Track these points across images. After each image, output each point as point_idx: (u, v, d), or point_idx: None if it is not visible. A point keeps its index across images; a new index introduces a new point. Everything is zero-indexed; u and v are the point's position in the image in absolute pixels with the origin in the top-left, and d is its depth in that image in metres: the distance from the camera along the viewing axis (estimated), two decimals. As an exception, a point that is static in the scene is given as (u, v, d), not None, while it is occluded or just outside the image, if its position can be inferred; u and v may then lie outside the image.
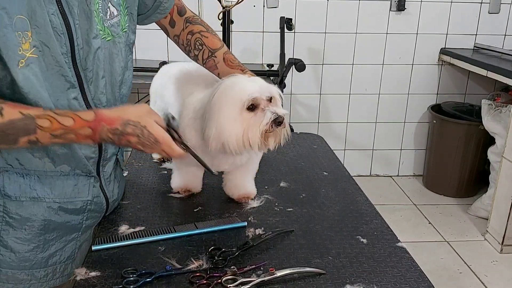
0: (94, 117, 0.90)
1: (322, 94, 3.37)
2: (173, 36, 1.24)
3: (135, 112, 0.94)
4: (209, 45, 1.20)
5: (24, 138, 0.87)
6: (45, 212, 1.02)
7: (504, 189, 2.64)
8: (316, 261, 1.00)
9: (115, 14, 1.02)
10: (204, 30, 1.22)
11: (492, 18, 3.31)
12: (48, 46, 0.89)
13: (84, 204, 1.07)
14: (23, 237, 1.01)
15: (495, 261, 2.61)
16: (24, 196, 1.00)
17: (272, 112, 1.03)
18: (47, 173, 1.01)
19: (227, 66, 1.19)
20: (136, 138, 0.93)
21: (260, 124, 1.03)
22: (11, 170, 0.99)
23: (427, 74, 3.41)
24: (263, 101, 1.04)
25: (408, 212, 3.12)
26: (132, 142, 0.93)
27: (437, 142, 3.30)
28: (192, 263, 0.97)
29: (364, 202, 1.27)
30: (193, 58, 1.24)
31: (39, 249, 1.03)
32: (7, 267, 1.01)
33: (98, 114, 0.91)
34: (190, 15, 1.23)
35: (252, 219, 1.17)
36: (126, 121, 0.92)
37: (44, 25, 0.87)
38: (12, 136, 0.86)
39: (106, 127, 0.91)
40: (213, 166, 1.16)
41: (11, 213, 1.00)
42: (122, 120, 0.91)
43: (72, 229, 1.08)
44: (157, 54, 2.97)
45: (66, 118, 0.89)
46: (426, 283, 0.95)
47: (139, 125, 0.92)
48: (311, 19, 3.18)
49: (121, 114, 0.93)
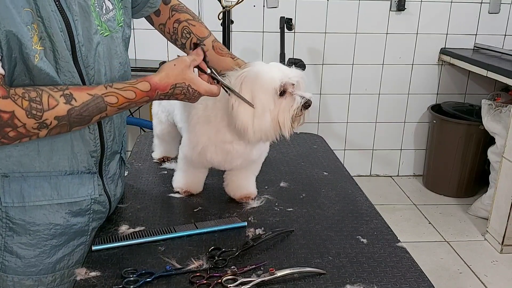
0: (150, 87, 0.97)
1: (322, 94, 3.36)
2: (158, 25, 1.22)
3: (179, 74, 1.00)
4: (197, 33, 1.19)
5: (97, 116, 0.93)
6: (50, 215, 1.00)
7: (504, 189, 2.64)
8: (316, 261, 1.00)
9: (111, 8, 1.00)
10: (191, 18, 1.21)
11: (492, 18, 3.31)
12: (53, 40, 0.88)
13: (88, 204, 1.06)
14: (28, 242, 1.00)
15: (495, 261, 2.61)
16: (26, 201, 0.98)
17: (301, 97, 1.08)
18: (51, 173, 0.99)
19: (216, 54, 1.18)
20: (183, 96, 1.02)
21: (290, 108, 1.07)
22: (11, 175, 0.97)
23: (427, 74, 3.41)
24: (290, 86, 1.08)
25: (408, 212, 3.12)
26: (179, 98, 1.03)
27: (437, 142, 3.30)
28: (192, 263, 0.97)
29: (364, 202, 1.27)
30: (180, 47, 1.22)
31: (45, 255, 1.02)
32: (13, 273, 1.00)
33: (152, 83, 0.97)
34: (175, 3, 1.22)
35: (252, 219, 1.17)
36: (174, 85, 1.00)
37: (48, 17, 0.86)
38: (88, 117, 0.91)
39: (160, 93, 0.99)
40: (225, 163, 1.19)
41: (14, 219, 0.98)
42: (171, 84, 0.99)
43: (80, 233, 1.06)
44: (157, 54, 2.96)
45: (128, 92, 0.95)
46: (426, 283, 0.95)
47: (184, 85, 1.00)
48: (311, 19, 3.17)
49: (169, 79, 0.99)
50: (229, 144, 1.15)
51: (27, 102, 0.84)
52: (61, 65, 0.91)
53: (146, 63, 2.88)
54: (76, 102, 0.89)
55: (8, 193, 0.97)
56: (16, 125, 0.84)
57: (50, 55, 0.89)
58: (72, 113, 0.88)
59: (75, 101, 0.88)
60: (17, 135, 0.86)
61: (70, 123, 0.90)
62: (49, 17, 0.86)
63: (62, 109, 0.87)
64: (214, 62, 1.16)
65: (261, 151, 1.24)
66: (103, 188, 1.09)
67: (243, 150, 1.16)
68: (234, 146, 1.15)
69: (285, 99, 1.08)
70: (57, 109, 0.87)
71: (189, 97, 1.03)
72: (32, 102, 0.84)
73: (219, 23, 2.26)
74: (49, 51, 0.88)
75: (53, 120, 0.87)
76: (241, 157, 1.18)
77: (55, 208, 1.01)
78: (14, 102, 0.83)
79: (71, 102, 0.88)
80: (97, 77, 0.98)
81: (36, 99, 0.85)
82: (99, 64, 0.98)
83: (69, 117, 0.88)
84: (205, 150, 1.16)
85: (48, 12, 0.86)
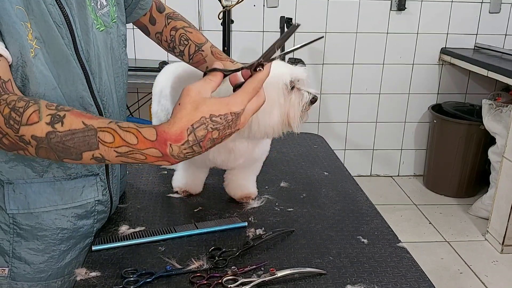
0: (156, 136, 0.75)
1: (322, 94, 3.36)
2: (154, 33, 1.22)
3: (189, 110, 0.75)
4: (195, 40, 1.19)
5: (88, 153, 0.76)
6: (56, 220, 0.99)
7: (504, 189, 2.64)
8: (316, 261, 1.00)
9: (105, 4, 1.01)
10: (187, 25, 1.21)
11: (492, 18, 3.31)
12: (49, 37, 0.86)
13: (92, 205, 1.05)
14: (36, 247, 0.98)
15: (496, 261, 2.61)
16: (32, 208, 0.96)
17: (308, 92, 1.09)
18: (56, 178, 0.98)
19: (216, 59, 1.18)
20: (216, 132, 0.75)
21: (300, 102, 1.09)
22: (16, 182, 0.95)
23: (427, 74, 3.41)
24: (296, 82, 1.09)
25: (408, 212, 3.12)
26: (214, 137, 0.76)
27: (438, 142, 3.30)
28: (192, 263, 0.97)
29: (364, 202, 1.27)
30: (178, 54, 1.22)
31: (54, 260, 1.01)
32: (22, 279, 0.99)
33: (160, 132, 0.74)
34: (170, 12, 1.22)
35: (253, 219, 1.17)
36: (192, 126, 0.74)
37: (41, 15, 0.84)
38: (74, 149, 0.76)
39: (175, 146, 0.74)
40: (228, 162, 1.19)
41: (21, 224, 0.97)
42: (186, 129, 0.74)
43: (86, 235, 1.06)
44: (157, 54, 2.95)
45: (129, 134, 0.75)
46: (427, 283, 0.95)
47: (205, 119, 0.74)
48: (311, 18, 3.17)
49: (180, 124, 0.74)
50: (232, 142, 1.15)
51: (8, 110, 0.75)
52: (60, 63, 0.88)
53: (146, 63, 2.88)
54: (62, 127, 0.75)
55: (13, 200, 0.96)
56: (2, 131, 0.76)
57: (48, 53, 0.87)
58: (51, 138, 0.75)
59: (61, 125, 0.75)
60: (9, 144, 0.78)
61: (53, 149, 0.76)
62: (42, 13, 0.84)
63: (40, 128, 0.75)
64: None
65: (263, 150, 1.24)
66: (106, 188, 1.08)
67: (245, 148, 1.16)
68: (236, 145, 1.15)
69: (294, 94, 1.08)
70: (34, 127, 0.75)
71: (224, 127, 0.76)
72: (13, 111, 0.75)
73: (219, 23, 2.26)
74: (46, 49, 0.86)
75: (31, 139, 0.75)
76: (243, 155, 1.18)
77: (60, 212, 1.00)
78: None
79: (55, 125, 0.75)
80: (98, 72, 0.97)
81: (19, 110, 0.75)
82: (99, 58, 0.97)
83: (48, 141, 0.75)
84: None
85: (42, 9, 0.84)
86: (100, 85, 0.98)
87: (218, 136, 0.76)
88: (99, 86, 0.98)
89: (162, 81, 1.38)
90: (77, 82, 0.92)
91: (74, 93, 0.92)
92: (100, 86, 0.98)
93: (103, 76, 0.99)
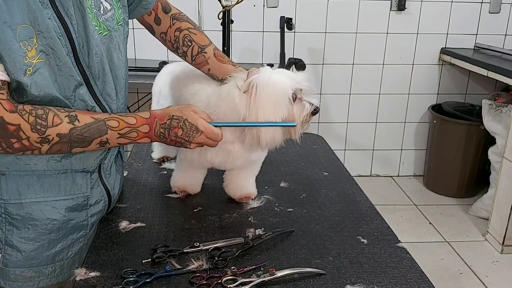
0: (149, 115, 1.03)
1: (322, 94, 3.36)
2: (159, 33, 1.23)
3: (178, 109, 1.05)
4: (198, 42, 1.21)
5: (97, 139, 0.98)
6: (46, 211, 1.03)
7: (504, 190, 2.64)
8: (316, 262, 1.00)
9: (109, 9, 1.03)
10: (192, 27, 1.22)
11: (492, 18, 3.31)
12: (54, 49, 0.91)
13: (85, 199, 1.08)
14: (27, 236, 1.02)
15: (496, 262, 2.60)
16: (23, 198, 1.01)
17: (310, 103, 1.10)
18: (46, 172, 1.02)
19: (218, 61, 1.19)
20: (181, 130, 1.02)
21: (301, 114, 1.09)
22: (8, 172, 1.00)
23: (427, 74, 3.41)
24: (299, 92, 1.10)
25: (408, 213, 3.12)
26: (179, 135, 1.03)
27: (438, 142, 3.30)
28: (192, 264, 0.97)
29: (364, 203, 1.27)
30: (181, 55, 1.24)
31: (44, 248, 1.04)
32: (14, 266, 1.03)
33: (152, 112, 1.04)
34: (175, 12, 1.23)
35: (252, 220, 1.17)
36: (171, 116, 1.03)
37: (47, 29, 0.89)
38: (88, 138, 0.97)
39: (159, 123, 1.02)
40: (226, 163, 1.20)
41: (12, 214, 1.01)
42: (168, 115, 1.03)
43: (78, 227, 1.08)
44: (157, 54, 2.96)
45: (129, 117, 1.01)
46: (427, 283, 0.95)
47: (181, 118, 1.03)
48: (311, 19, 3.17)
49: (167, 111, 1.04)
50: (230, 144, 1.15)
51: (33, 118, 0.91)
52: (63, 71, 0.94)
53: (146, 63, 2.88)
54: (79, 123, 0.95)
55: (6, 190, 1.00)
56: (21, 137, 0.90)
57: (52, 63, 0.92)
58: (73, 132, 0.95)
59: (78, 121, 0.95)
60: (21, 147, 0.92)
61: (71, 141, 0.95)
62: (47, 27, 0.89)
63: (64, 127, 0.94)
64: (216, 69, 1.18)
65: (261, 152, 1.24)
66: (99, 183, 1.11)
67: (243, 150, 1.16)
68: (235, 147, 1.15)
69: (295, 105, 1.09)
70: (60, 127, 0.93)
71: (187, 132, 1.03)
72: (37, 118, 0.91)
73: (219, 23, 2.26)
74: (51, 60, 0.92)
75: (55, 137, 0.93)
76: (241, 157, 1.18)
77: (50, 204, 1.03)
78: (21, 116, 0.89)
79: (74, 122, 0.95)
80: (102, 76, 1.01)
81: (42, 116, 0.92)
82: (102, 62, 1.00)
83: (71, 135, 0.95)
84: (205, 150, 1.16)
85: (47, 23, 0.89)
86: (104, 88, 1.03)
87: (180, 135, 1.02)
88: (102, 90, 1.03)
89: (161, 81, 1.38)
90: (78, 88, 0.98)
91: (74, 98, 0.98)
92: (103, 89, 1.03)
93: (107, 79, 1.03)
